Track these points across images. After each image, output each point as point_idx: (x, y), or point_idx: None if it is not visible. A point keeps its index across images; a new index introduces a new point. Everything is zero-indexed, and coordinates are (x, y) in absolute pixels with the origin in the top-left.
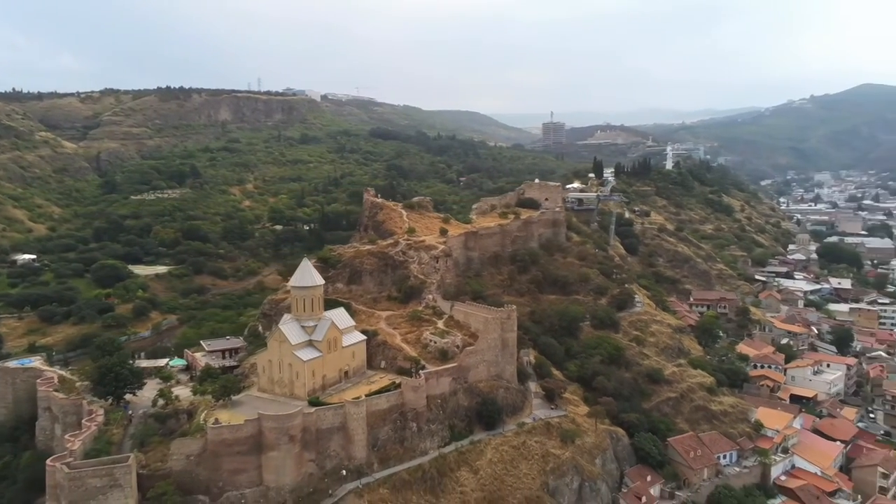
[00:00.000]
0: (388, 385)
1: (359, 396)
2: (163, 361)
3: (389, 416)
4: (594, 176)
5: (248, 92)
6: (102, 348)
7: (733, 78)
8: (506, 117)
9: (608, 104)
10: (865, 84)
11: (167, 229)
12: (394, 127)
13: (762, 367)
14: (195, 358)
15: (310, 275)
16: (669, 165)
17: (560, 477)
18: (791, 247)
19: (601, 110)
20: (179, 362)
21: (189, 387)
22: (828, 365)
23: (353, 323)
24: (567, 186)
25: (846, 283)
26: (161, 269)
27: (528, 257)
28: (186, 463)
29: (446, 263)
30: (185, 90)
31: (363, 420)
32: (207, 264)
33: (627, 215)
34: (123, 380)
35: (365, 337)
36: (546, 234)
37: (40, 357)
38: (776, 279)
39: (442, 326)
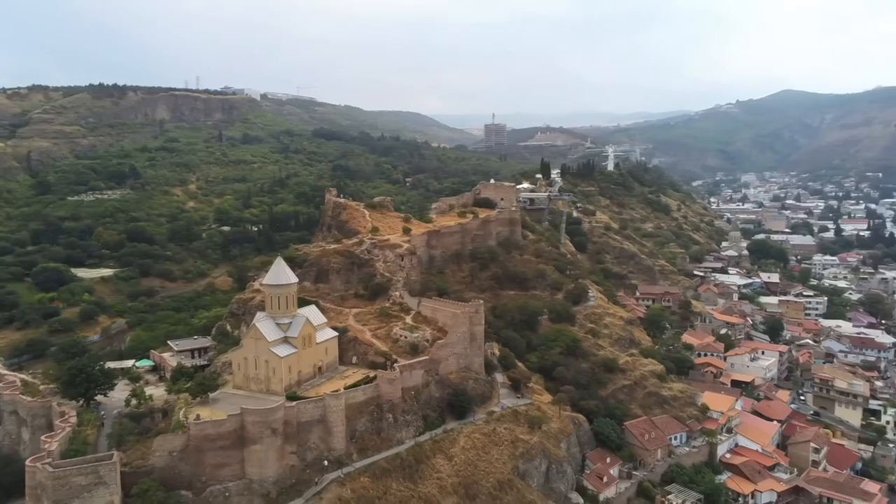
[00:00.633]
0: (362, 379)
1: (337, 390)
2: (129, 362)
3: (366, 408)
4: (542, 177)
5: (187, 90)
6: (67, 350)
7: (665, 83)
8: (447, 118)
9: (546, 106)
10: (786, 90)
11: (110, 231)
12: (336, 127)
13: (705, 356)
14: (164, 358)
15: (284, 273)
16: (611, 166)
17: (529, 461)
18: (724, 244)
19: (540, 112)
20: (146, 363)
21: (160, 386)
22: (763, 352)
23: (326, 320)
24: (518, 187)
25: (775, 278)
26: (106, 272)
27: (488, 255)
28: (169, 459)
29: (411, 261)
30: (120, 88)
31: (342, 412)
32: (155, 266)
33: (575, 214)
34: (95, 380)
35: (337, 333)
36: (503, 233)
37: None
38: (713, 274)
39: (410, 322)
